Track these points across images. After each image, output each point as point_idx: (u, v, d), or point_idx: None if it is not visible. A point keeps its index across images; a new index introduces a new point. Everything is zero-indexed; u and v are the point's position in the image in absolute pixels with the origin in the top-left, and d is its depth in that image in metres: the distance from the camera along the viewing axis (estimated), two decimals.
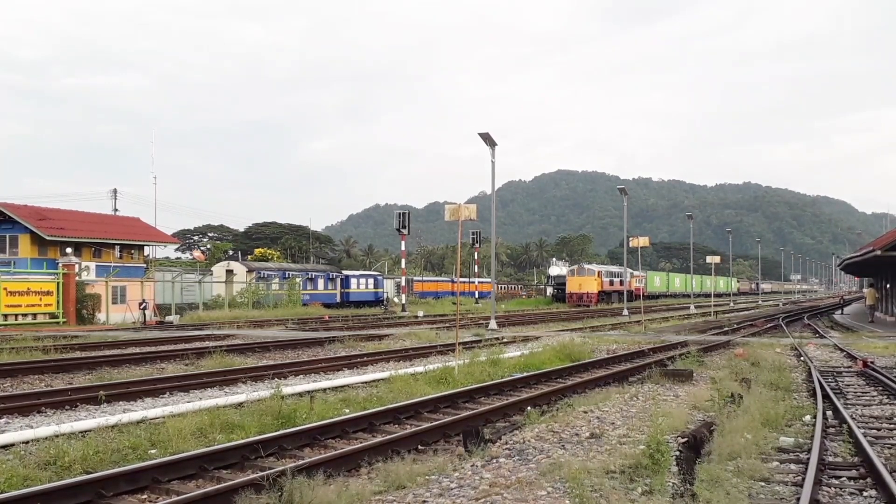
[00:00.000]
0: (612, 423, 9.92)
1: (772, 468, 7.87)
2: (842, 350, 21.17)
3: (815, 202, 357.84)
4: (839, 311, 54.04)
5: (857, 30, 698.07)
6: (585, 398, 12.55)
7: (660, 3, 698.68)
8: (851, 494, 7.05)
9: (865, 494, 7.01)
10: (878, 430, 10.05)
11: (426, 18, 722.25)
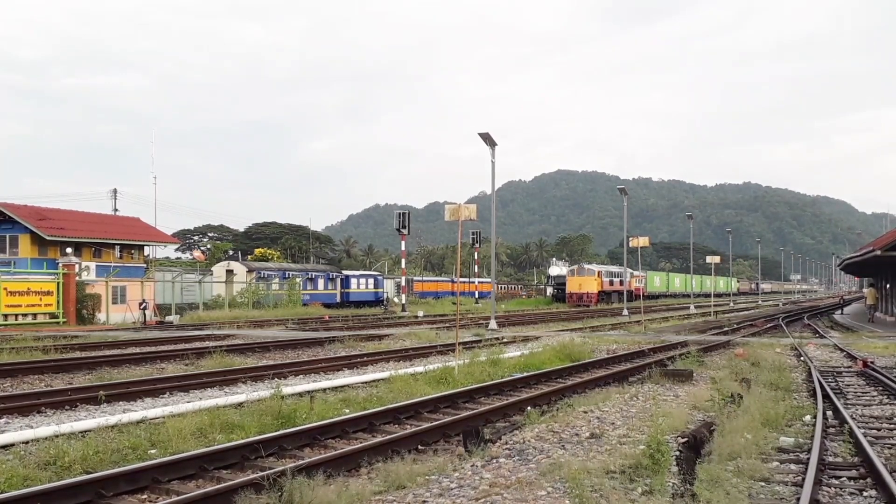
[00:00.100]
0: (612, 423, 9.92)
1: (772, 468, 7.87)
2: (842, 350, 21.17)
3: (815, 202, 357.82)
4: (839, 311, 54.05)
5: (857, 30, 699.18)
6: (585, 398, 12.54)
7: (660, 3, 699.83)
8: (851, 494, 7.04)
9: (865, 494, 7.01)
10: (879, 430, 10.05)
11: (426, 18, 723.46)
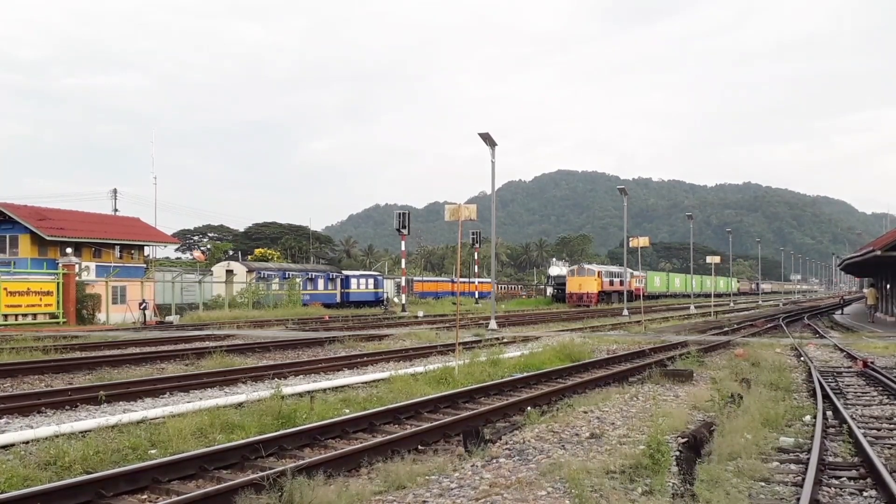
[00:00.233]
0: (612, 424, 9.92)
1: (772, 468, 7.87)
2: (842, 350, 21.17)
3: (815, 202, 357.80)
4: (839, 312, 54.05)
5: (857, 30, 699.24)
6: (585, 398, 12.54)
7: (660, 3, 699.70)
8: (851, 494, 7.04)
9: (865, 494, 7.01)
10: (879, 431, 10.05)
11: (426, 18, 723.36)
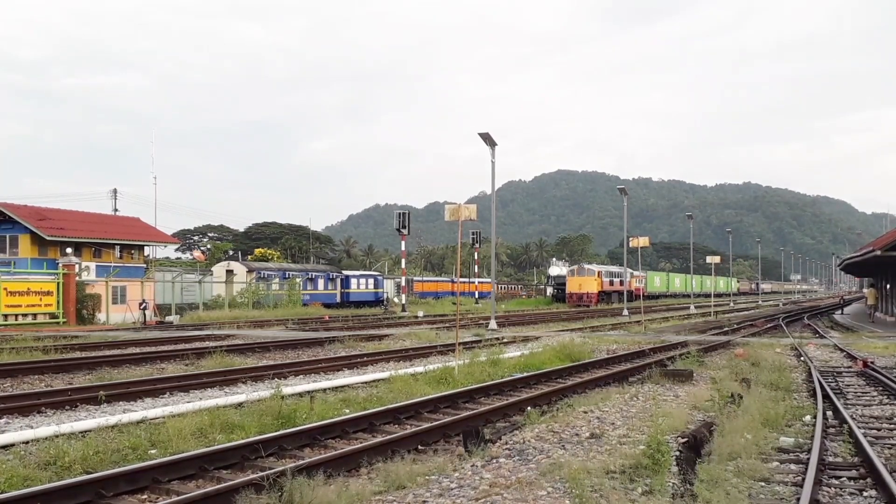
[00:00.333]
0: (612, 424, 9.92)
1: (772, 468, 7.87)
2: (842, 350, 21.17)
3: (815, 202, 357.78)
4: (839, 312, 54.06)
5: (857, 30, 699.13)
6: (585, 398, 12.54)
7: (660, 3, 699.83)
8: (851, 494, 7.04)
9: (865, 494, 7.01)
10: (879, 431, 10.05)
11: (426, 18, 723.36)
